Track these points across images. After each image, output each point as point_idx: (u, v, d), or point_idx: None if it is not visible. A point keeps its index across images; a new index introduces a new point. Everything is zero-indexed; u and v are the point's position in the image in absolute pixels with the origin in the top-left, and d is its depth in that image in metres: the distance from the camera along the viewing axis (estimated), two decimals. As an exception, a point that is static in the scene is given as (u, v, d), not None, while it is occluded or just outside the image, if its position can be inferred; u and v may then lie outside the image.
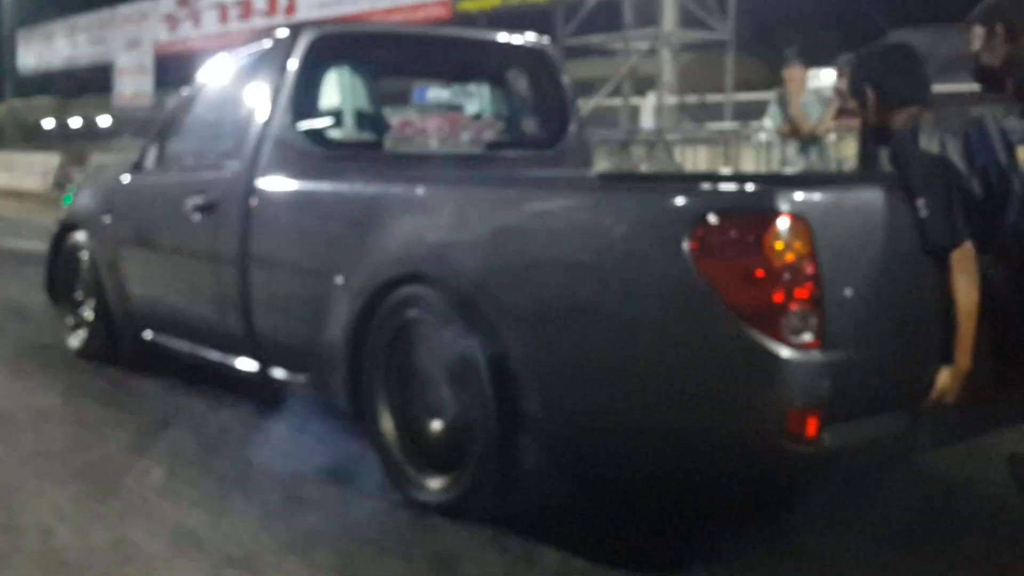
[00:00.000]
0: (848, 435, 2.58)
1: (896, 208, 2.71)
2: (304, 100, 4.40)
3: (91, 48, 25.71)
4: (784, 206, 2.48)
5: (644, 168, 8.92)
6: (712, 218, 2.55)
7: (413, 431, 3.53)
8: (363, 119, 4.71)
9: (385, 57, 4.82)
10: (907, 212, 2.70)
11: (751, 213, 2.52)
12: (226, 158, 4.53)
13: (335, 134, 4.63)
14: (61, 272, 5.94)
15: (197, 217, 4.54)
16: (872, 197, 2.73)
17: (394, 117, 4.66)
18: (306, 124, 4.39)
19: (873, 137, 3.08)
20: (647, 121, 10.73)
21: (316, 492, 3.54)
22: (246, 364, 4.39)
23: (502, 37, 4.95)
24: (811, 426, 2.47)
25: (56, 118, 36.03)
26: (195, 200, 4.53)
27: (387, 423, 3.60)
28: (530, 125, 5.24)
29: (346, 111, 4.73)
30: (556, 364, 2.92)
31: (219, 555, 3.02)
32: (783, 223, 2.47)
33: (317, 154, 4.38)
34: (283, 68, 4.37)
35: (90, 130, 32.66)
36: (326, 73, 4.59)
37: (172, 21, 23.41)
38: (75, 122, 36.63)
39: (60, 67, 27.53)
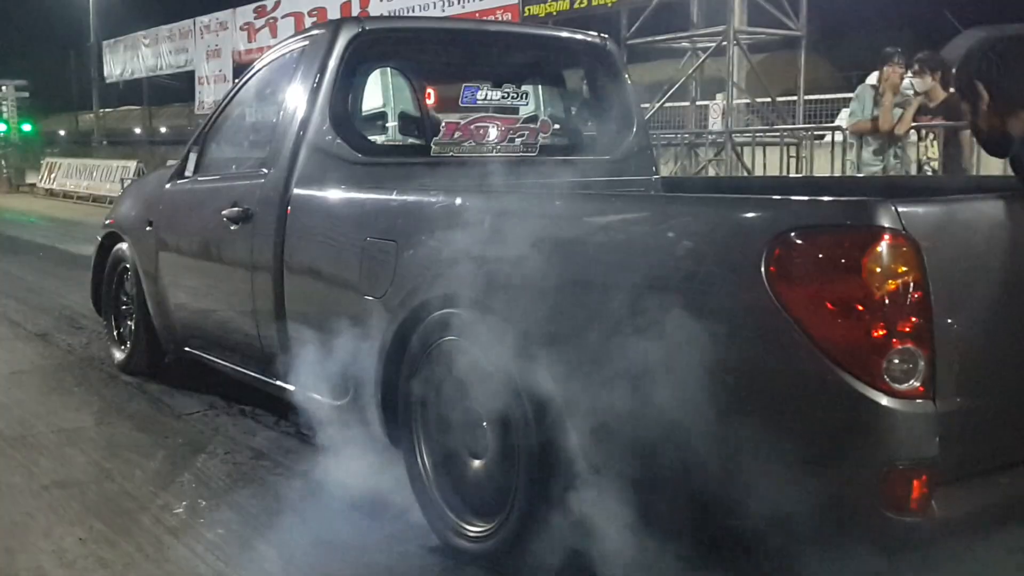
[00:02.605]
0: (961, 500, 2.11)
1: (1020, 223, 2.23)
2: (343, 102, 4.06)
3: (174, 57, 26.06)
4: (886, 221, 2.02)
5: (712, 172, 8.42)
6: (795, 236, 2.10)
7: (452, 470, 3.16)
8: (408, 122, 4.34)
9: (432, 54, 4.45)
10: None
11: (845, 230, 2.05)
12: (263, 165, 4.22)
13: (377, 139, 4.27)
14: (106, 283, 5.73)
15: (233, 227, 4.24)
16: (991, 210, 2.24)
17: (443, 120, 4.27)
18: (345, 129, 4.05)
19: (986, 143, 2.56)
20: (715, 123, 10.21)
21: (344, 534, 3.17)
22: (284, 384, 4.06)
23: (559, 32, 4.55)
24: (917, 491, 2.01)
25: (143, 126, 36.70)
26: (230, 210, 4.23)
27: (424, 460, 3.23)
28: (589, 128, 4.83)
29: (390, 113, 4.37)
30: (607, 404, 2.49)
31: (226, 615, 2.68)
32: (885, 242, 2.01)
33: (357, 161, 4.04)
34: (322, 68, 4.03)
35: (177, 138, 33.18)
36: (368, 73, 4.24)
37: (250, 30, 23.54)
38: (162, 130, 37.33)
39: (145, 76, 27.99)
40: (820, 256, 2.08)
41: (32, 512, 3.44)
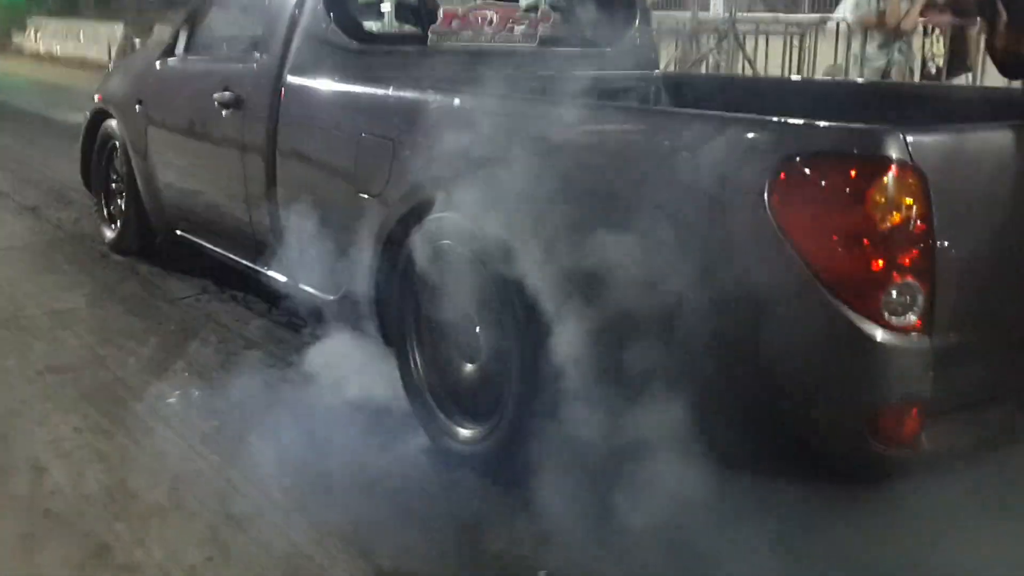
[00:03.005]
0: (949, 434, 2.14)
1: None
2: (339, -14, 3.93)
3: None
4: (894, 151, 1.98)
5: (712, 60, 8.23)
6: (800, 162, 2.06)
7: (444, 372, 3.18)
8: (405, 11, 4.21)
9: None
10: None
11: (851, 159, 2.01)
12: (255, 49, 4.11)
13: (373, 27, 4.14)
14: (95, 160, 5.65)
15: (224, 112, 4.15)
16: (1000, 139, 2.19)
17: (440, 9, 4.15)
18: (341, 14, 3.93)
19: (1002, 65, 2.49)
20: (718, 8, 9.93)
21: (338, 433, 3.18)
22: (275, 274, 4.05)
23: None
24: (908, 427, 2.03)
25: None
26: (222, 95, 4.13)
27: (417, 362, 3.25)
28: (590, 19, 4.70)
29: (388, 2, 4.23)
30: (599, 315, 2.48)
31: (219, 512, 2.71)
32: (892, 173, 1.97)
33: (352, 49, 3.93)
34: (317, -52, 3.88)
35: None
36: (366, -45, 4.09)
37: None
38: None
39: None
40: (824, 184, 2.05)
41: (27, 399, 3.47)
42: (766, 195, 2.09)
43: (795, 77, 5.57)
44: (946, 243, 2.04)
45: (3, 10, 26.49)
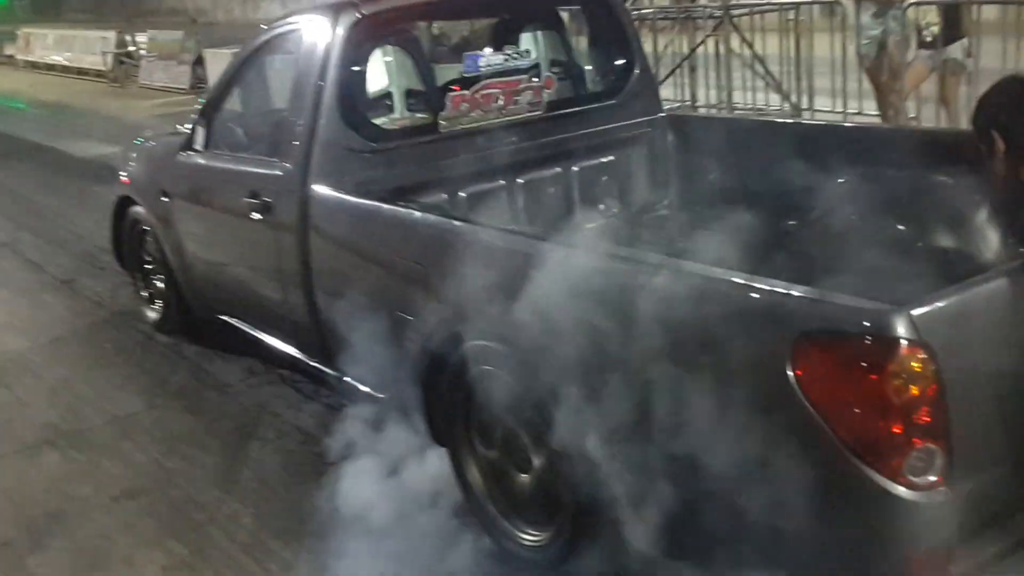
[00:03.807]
0: (978, 553, 2.35)
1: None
2: (350, 93, 4.09)
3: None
4: (903, 330, 2.15)
5: (711, 48, 8.23)
6: (817, 340, 2.25)
7: (500, 480, 3.39)
8: (415, 99, 4.36)
9: (432, 26, 4.41)
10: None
11: (865, 339, 2.19)
12: (276, 154, 4.27)
13: (386, 122, 4.30)
14: (127, 241, 5.84)
15: (254, 215, 4.32)
16: (1002, 291, 2.36)
17: (449, 92, 4.29)
18: (354, 119, 4.08)
19: (1003, 196, 2.60)
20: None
21: (408, 539, 3.35)
22: (322, 367, 4.27)
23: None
24: (935, 570, 2.24)
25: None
26: (251, 200, 4.29)
27: (473, 470, 3.46)
28: (592, 74, 4.84)
29: (396, 93, 4.38)
30: (633, 455, 2.69)
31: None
32: (902, 352, 2.15)
33: (370, 150, 4.10)
34: (325, 59, 4.04)
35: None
36: (369, 55, 4.23)
37: None
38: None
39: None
40: (841, 362, 2.23)
41: (108, 533, 3.71)
42: (789, 368, 2.27)
43: (787, 120, 5.67)
44: (960, 401, 2.23)
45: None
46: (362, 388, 3.98)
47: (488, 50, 4.37)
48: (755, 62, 8.20)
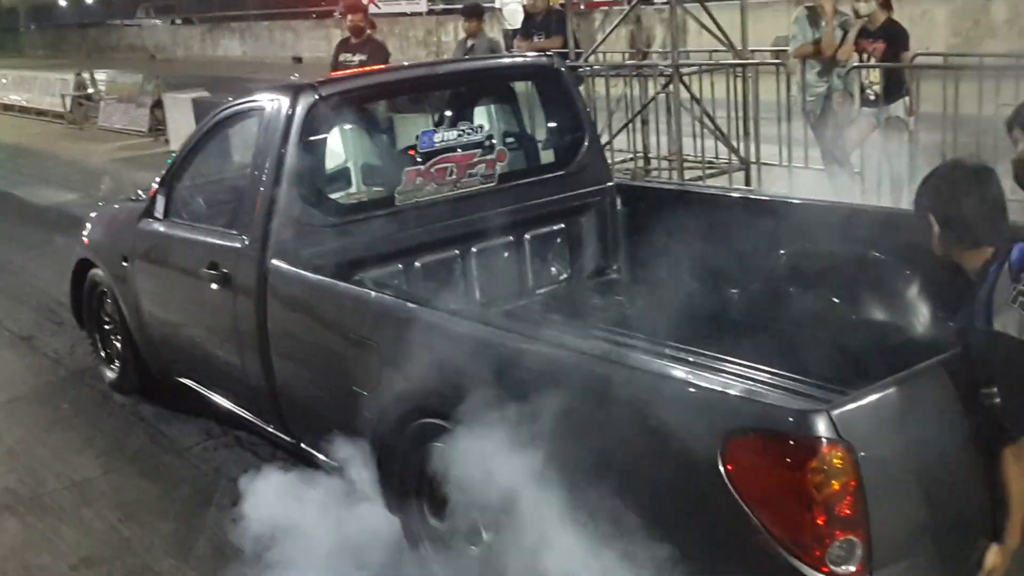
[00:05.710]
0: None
1: (948, 395, 2.53)
2: (308, 171, 4.22)
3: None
4: (823, 429, 2.32)
5: (661, 100, 8.49)
6: (743, 438, 2.41)
7: (452, 549, 3.51)
8: (372, 174, 4.51)
9: (389, 105, 4.57)
10: (961, 398, 2.52)
11: (786, 438, 2.35)
12: (235, 227, 4.38)
13: (343, 197, 4.43)
14: (86, 302, 5.90)
15: (213, 286, 4.42)
16: (922, 388, 2.53)
17: (404, 168, 4.44)
18: (312, 196, 4.21)
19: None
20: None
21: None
22: (278, 432, 4.37)
23: (504, 60, 4.69)
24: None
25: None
26: (210, 271, 4.39)
27: (424, 543, 3.58)
28: (543, 146, 5.02)
29: (352, 168, 4.52)
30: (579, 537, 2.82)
31: None
32: (823, 451, 2.31)
33: (327, 224, 4.23)
34: (284, 138, 4.17)
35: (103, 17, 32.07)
36: (328, 133, 4.37)
37: None
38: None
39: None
40: (766, 459, 2.40)
41: (70, 607, 3.78)
42: (719, 461, 2.42)
43: (731, 194, 5.90)
44: (878, 493, 2.39)
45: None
46: (319, 457, 4.08)
47: (443, 127, 4.52)
48: (703, 116, 8.45)
